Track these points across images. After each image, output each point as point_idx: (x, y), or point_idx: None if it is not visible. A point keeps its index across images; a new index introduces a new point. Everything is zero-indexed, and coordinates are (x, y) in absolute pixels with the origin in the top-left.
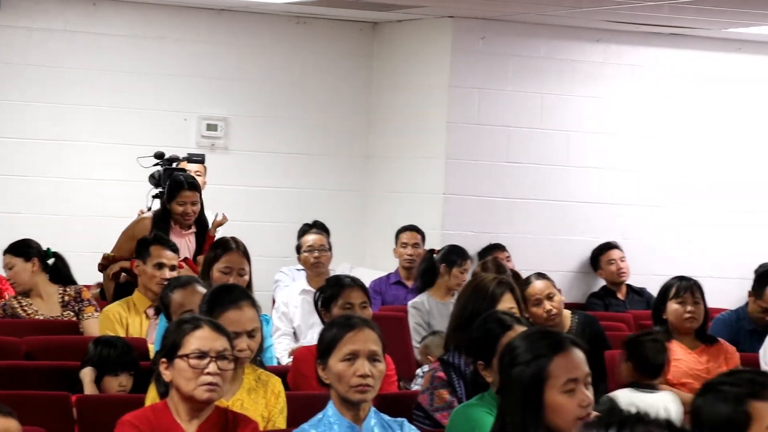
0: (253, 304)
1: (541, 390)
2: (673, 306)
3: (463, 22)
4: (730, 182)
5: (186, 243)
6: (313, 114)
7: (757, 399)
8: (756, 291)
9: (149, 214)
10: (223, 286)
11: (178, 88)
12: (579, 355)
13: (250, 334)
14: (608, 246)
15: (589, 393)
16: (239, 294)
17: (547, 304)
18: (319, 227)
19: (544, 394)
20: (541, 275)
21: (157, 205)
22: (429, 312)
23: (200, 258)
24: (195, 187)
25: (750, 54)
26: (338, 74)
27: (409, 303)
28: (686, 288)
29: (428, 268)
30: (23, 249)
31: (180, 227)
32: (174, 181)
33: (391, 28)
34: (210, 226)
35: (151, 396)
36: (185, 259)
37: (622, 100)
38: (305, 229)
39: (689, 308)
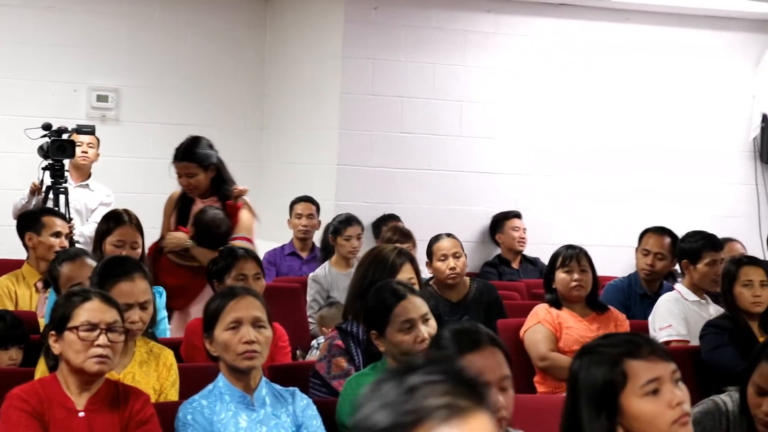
0: (146, 275)
1: None
2: (560, 275)
3: None
4: (621, 151)
5: None
6: (206, 85)
7: (633, 358)
8: (639, 243)
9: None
10: (115, 257)
11: (67, 59)
12: (496, 356)
13: (143, 306)
14: (513, 213)
15: (501, 397)
16: (131, 265)
17: (452, 261)
18: None
19: None
20: (451, 235)
21: (48, 177)
22: (330, 283)
23: None
24: (187, 156)
25: (638, 24)
26: (231, 45)
27: (310, 275)
28: (572, 256)
29: (325, 241)
30: None
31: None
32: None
33: None
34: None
35: (41, 369)
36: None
37: (513, 70)
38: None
39: (576, 276)
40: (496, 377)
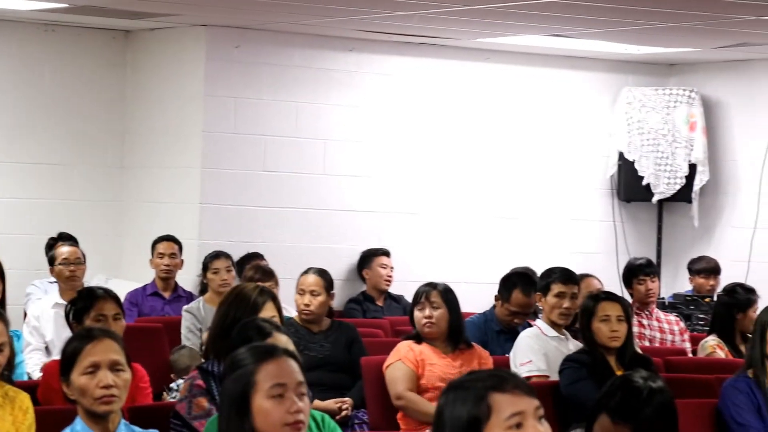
0: (1, 318)
1: (248, 395)
2: (415, 312)
3: (217, 30)
4: (483, 189)
5: None
6: (65, 124)
7: (497, 391)
8: (502, 295)
9: None
10: None
11: None
12: (290, 363)
13: None
14: (381, 251)
15: (300, 402)
16: None
17: (308, 298)
18: (67, 239)
19: (251, 400)
20: (321, 273)
21: None
22: (203, 318)
23: None
24: None
25: (497, 63)
26: (90, 83)
27: (184, 308)
28: (423, 293)
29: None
30: None
31: None
32: None
33: (144, 36)
34: None
35: None
36: None
37: (376, 108)
38: (52, 243)
39: (426, 313)
40: (293, 382)
